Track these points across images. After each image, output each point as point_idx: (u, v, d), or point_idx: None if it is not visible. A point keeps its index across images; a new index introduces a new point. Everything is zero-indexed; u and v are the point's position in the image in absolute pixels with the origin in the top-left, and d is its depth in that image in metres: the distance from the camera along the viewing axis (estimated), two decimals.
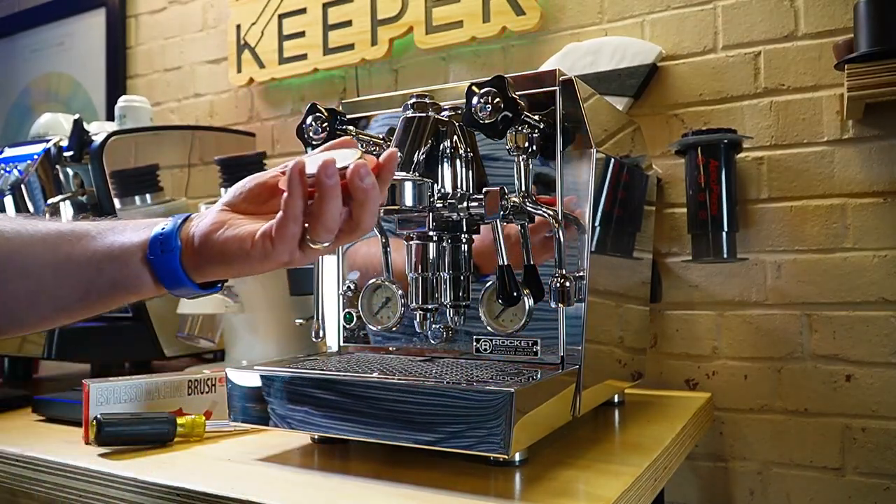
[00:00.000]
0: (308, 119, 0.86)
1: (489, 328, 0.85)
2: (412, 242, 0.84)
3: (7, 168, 1.37)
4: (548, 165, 0.84)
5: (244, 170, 1.23)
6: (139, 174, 1.40)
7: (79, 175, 1.33)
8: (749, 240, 1.21)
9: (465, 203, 0.77)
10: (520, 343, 0.85)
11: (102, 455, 0.82)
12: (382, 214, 0.78)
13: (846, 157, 1.16)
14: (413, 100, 0.82)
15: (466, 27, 1.45)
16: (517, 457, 0.74)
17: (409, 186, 0.74)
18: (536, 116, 0.81)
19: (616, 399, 1.05)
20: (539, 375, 0.77)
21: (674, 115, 1.28)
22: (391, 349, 0.95)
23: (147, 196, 1.39)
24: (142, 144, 1.42)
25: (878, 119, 1.13)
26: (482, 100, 0.76)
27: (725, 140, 1.16)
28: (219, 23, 1.86)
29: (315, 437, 0.86)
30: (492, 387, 0.69)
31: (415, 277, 0.85)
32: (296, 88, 1.72)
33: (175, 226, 0.61)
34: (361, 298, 0.92)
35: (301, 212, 0.56)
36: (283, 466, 0.77)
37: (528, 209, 0.80)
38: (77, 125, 1.31)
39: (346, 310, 0.97)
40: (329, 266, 0.99)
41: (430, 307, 0.85)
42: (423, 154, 0.79)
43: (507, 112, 0.75)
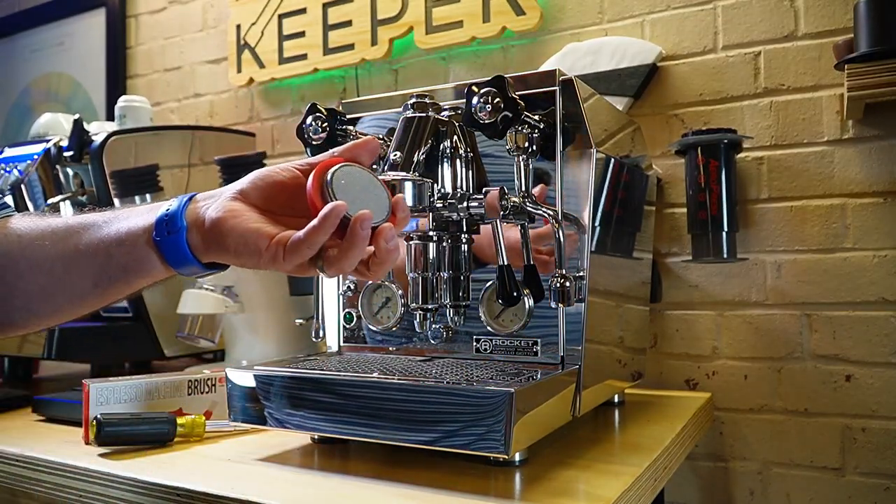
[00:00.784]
0: (308, 119, 0.86)
1: (489, 328, 0.85)
2: (412, 242, 0.84)
3: (7, 168, 1.37)
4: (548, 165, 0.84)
5: (244, 170, 1.22)
6: (139, 174, 1.40)
7: (79, 175, 1.34)
8: (749, 240, 1.21)
9: (465, 203, 0.77)
10: (520, 343, 0.85)
11: (102, 455, 0.82)
12: None
13: (846, 157, 1.16)
14: (413, 100, 0.82)
15: (466, 27, 1.45)
16: (517, 457, 0.74)
17: (409, 186, 0.74)
18: (536, 116, 0.81)
19: (616, 399, 1.05)
20: (539, 375, 0.77)
21: (674, 115, 1.28)
22: (391, 349, 0.95)
23: (147, 196, 1.39)
24: (142, 144, 1.41)
25: (878, 119, 1.13)
26: (482, 100, 0.76)
27: (725, 140, 1.16)
28: (219, 23, 1.86)
29: (315, 437, 0.86)
30: (492, 387, 0.69)
31: (415, 277, 0.85)
32: (296, 88, 1.72)
33: (180, 206, 0.61)
34: (361, 298, 0.93)
35: (321, 243, 0.56)
36: (283, 466, 0.77)
37: (528, 209, 0.80)
38: (77, 125, 1.31)
39: (346, 310, 0.97)
40: None
41: (430, 307, 0.85)
42: (423, 154, 0.79)
43: (507, 112, 0.75)
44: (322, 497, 0.67)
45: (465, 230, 0.85)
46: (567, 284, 0.77)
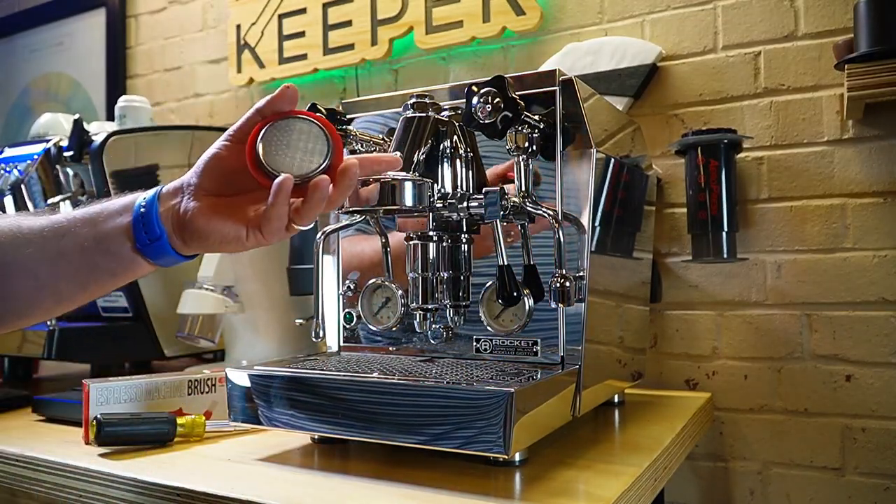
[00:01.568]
0: None
1: (489, 328, 0.85)
2: (412, 242, 0.84)
3: (7, 168, 1.37)
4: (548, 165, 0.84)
5: None
6: (139, 174, 1.39)
7: (79, 175, 1.33)
8: (749, 240, 1.21)
9: (465, 203, 0.77)
10: (520, 343, 0.85)
11: (102, 455, 0.82)
12: (382, 214, 0.78)
13: (846, 157, 1.16)
14: (413, 100, 0.82)
15: (466, 27, 1.45)
16: (517, 457, 0.74)
17: (409, 186, 0.74)
18: (536, 116, 0.81)
19: (616, 399, 1.05)
20: (539, 375, 0.77)
21: (674, 115, 1.28)
22: (391, 349, 0.95)
23: None
24: (142, 144, 1.41)
25: (878, 119, 1.13)
26: (482, 100, 0.76)
27: (725, 140, 1.16)
28: (219, 23, 1.86)
29: (315, 437, 0.86)
30: (492, 387, 0.69)
31: (415, 277, 0.85)
32: None
33: (153, 208, 0.63)
34: (361, 298, 0.92)
35: (286, 212, 0.60)
36: (283, 466, 0.77)
37: (528, 209, 0.80)
38: (77, 125, 1.31)
39: (346, 310, 0.97)
40: (329, 266, 0.99)
41: (430, 307, 0.85)
42: (423, 154, 0.79)
43: (507, 112, 0.75)
44: (322, 497, 0.67)
45: (465, 230, 0.85)
46: (567, 284, 0.77)
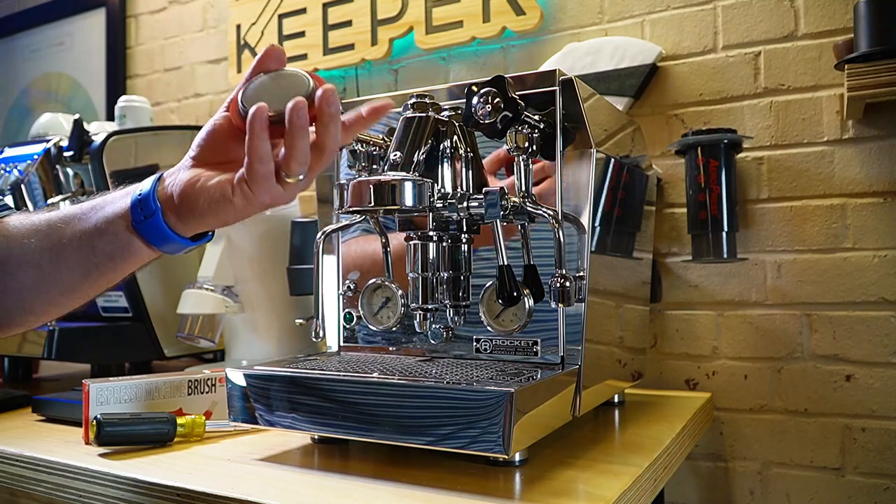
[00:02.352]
0: None
1: (489, 328, 0.85)
2: (412, 242, 0.84)
3: (7, 168, 1.37)
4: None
5: None
6: (139, 174, 1.38)
7: (79, 175, 1.33)
8: (749, 240, 1.21)
9: (465, 203, 0.77)
10: (520, 343, 0.85)
11: (102, 455, 0.82)
12: (382, 214, 0.78)
13: (846, 157, 1.16)
14: (413, 100, 0.82)
15: (466, 27, 1.45)
16: (517, 457, 0.74)
17: (409, 186, 0.74)
18: (536, 116, 0.81)
19: (616, 399, 1.05)
20: (539, 375, 0.77)
21: (674, 115, 1.28)
22: (391, 349, 0.95)
23: None
24: (142, 144, 1.41)
25: (878, 119, 1.13)
26: (482, 100, 0.76)
27: (725, 140, 1.16)
28: (219, 23, 1.86)
29: (315, 437, 0.86)
30: (492, 387, 0.69)
31: (415, 277, 0.85)
32: None
33: (151, 188, 0.64)
34: (361, 298, 0.92)
35: (267, 152, 0.59)
36: (283, 466, 0.77)
37: (528, 209, 0.80)
38: (77, 125, 1.31)
39: (346, 310, 0.97)
40: (329, 266, 0.99)
41: (430, 307, 0.85)
42: (423, 154, 0.79)
43: (507, 112, 0.75)
44: (322, 497, 0.67)
45: (465, 230, 0.85)
46: (567, 284, 0.77)
